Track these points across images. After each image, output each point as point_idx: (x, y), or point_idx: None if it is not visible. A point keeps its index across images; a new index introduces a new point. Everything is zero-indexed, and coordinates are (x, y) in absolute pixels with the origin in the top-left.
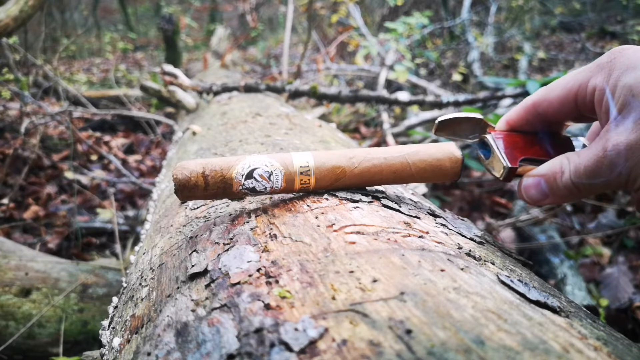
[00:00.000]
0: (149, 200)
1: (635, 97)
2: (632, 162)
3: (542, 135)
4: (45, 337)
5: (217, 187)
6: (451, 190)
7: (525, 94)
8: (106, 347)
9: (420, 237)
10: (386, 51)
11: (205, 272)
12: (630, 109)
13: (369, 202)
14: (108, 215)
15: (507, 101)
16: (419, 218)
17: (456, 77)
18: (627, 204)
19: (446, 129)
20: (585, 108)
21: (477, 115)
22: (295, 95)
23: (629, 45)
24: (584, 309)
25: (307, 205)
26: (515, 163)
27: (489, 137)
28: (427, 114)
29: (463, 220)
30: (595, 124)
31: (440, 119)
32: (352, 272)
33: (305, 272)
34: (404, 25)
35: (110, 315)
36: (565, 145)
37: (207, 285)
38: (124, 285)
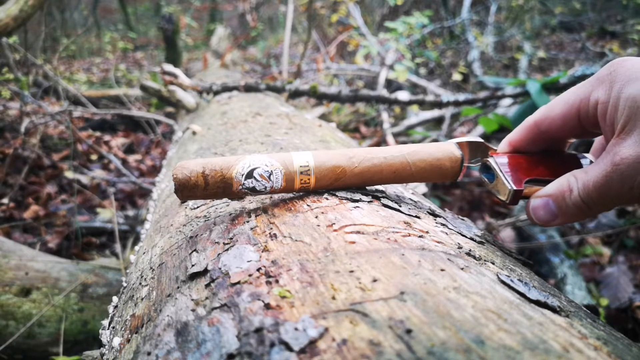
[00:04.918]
0: (149, 200)
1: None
2: None
3: (546, 154)
4: (45, 336)
5: (217, 187)
6: (451, 189)
7: (525, 93)
8: (106, 347)
9: (420, 236)
10: (386, 51)
11: (205, 271)
12: (636, 120)
13: (369, 201)
14: (108, 214)
15: (507, 101)
16: (419, 218)
17: (456, 76)
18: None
19: None
20: (588, 123)
21: (478, 139)
22: (295, 94)
23: (628, 57)
24: (584, 309)
25: (307, 205)
26: (520, 185)
27: (491, 161)
28: (427, 114)
29: (463, 219)
30: (598, 140)
31: None
32: (352, 271)
33: (305, 271)
34: (404, 24)
35: (110, 315)
36: (571, 163)
37: (207, 285)
38: (124, 284)
